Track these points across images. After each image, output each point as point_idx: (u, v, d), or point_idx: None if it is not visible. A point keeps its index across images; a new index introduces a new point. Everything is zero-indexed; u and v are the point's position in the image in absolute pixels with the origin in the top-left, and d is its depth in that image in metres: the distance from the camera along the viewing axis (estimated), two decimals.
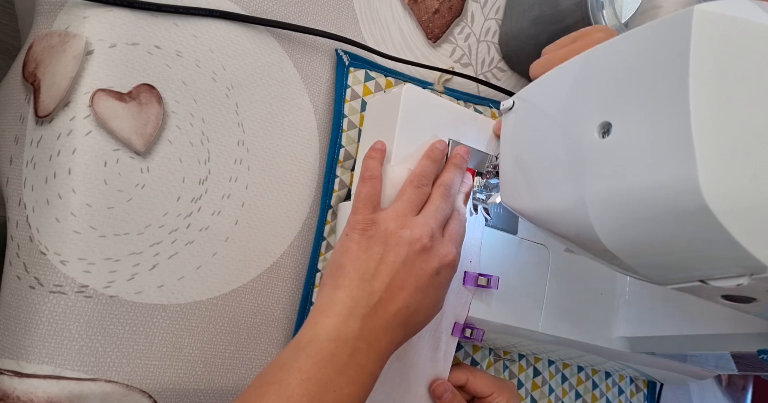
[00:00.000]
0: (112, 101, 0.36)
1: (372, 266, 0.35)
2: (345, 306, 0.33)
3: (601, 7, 0.49)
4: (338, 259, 0.36)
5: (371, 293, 0.34)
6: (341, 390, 0.31)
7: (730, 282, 0.26)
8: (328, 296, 0.34)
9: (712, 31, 0.24)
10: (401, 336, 0.35)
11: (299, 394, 0.30)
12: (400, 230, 0.35)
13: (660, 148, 0.25)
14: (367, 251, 0.35)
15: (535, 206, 0.34)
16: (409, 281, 0.35)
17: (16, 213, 0.36)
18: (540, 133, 0.34)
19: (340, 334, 0.32)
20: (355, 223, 0.36)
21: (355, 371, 0.32)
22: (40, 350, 0.33)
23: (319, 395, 0.30)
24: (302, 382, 0.30)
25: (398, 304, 0.34)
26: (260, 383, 0.31)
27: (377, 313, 0.33)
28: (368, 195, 0.37)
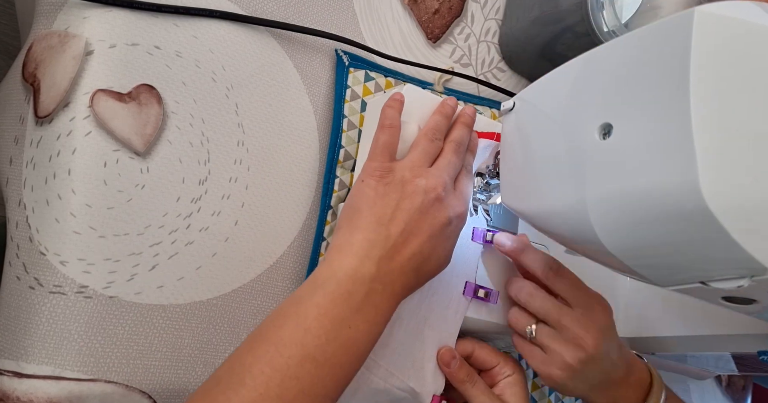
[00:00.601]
0: (112, 102, 0.36)
1: (388, 211, 0.35)
2: (362, 247, 0.34)
3: (601, 7, 0.49)
4: (354, 203, 0.36)
5: (387, 236, 0.34)
6: (356, 327, 0.32)
7: (731, 284, 0.26)
8: (345, 237, 0.35)
9: (713, 33, 0.24)
10: (413, 281, 0.36)
11: (316, 327, 0.31)
12: (415, 178, 0.36)
13: (660, 149, 0.25)
14: (383, 197, 0.36)
15: (536, 207, 0.34)
16: (423, 228, 0.35)
17: (16, 213, 0.36)
18: (540, 134, 0.34)
19: (357, 273, 0.33)
20: (372, 170, 0.37)
21: (370, 311, 0.33)
22: (39, 351, 0.33)
23: (334, 330, 0.31)
24: (319, 316, 0.31)
25: (412, 249, 0.35)
26: (277, 316, 0.32)
27: (392, 256, 0.34)
28: (386, 143, 0.38)
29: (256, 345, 0.31)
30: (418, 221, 0.35)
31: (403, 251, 0.35)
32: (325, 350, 0.30)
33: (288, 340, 0.30)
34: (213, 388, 0.30)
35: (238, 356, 0.31)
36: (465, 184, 0.40)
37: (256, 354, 0.30)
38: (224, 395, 0.29)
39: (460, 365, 0.42)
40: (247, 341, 0.31)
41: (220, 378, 0.30)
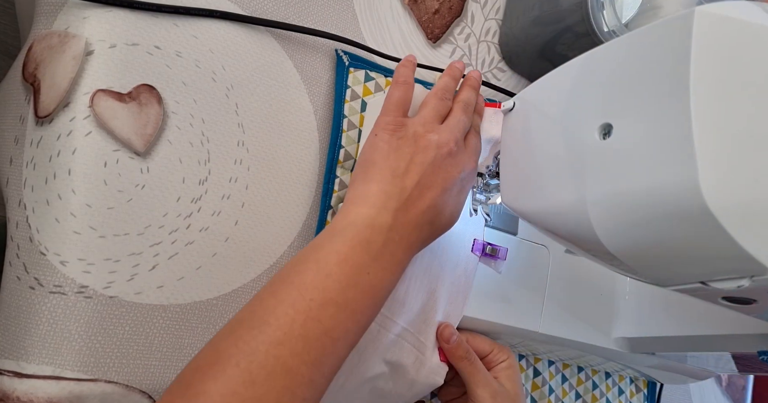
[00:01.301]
0: (112, 102, 0.36)
1: (402, 164, 0.36)
2: (378, 199, 0.34)
3: (602, 7, 0.49)
4: (369, 156, 0.37)
5: (402, 188, 0.35)
6: (374, 274, 0.32)
7: (731, 284, 0.26)
8: (360, 189, 0.36)
9: (713, 33, 0.24)
10: (427, 234, 0.36)
11: (337, 272, 0.31)
12: (428, 134, 0.37)
13: (661, 149, 0.25)
14: (397, 150, 0.36)
15: (536, 207, 0.34)
16: (437, 181, 0.36)
17: (16, 214, 0.36)
18: (540, 134, 0.34)
19: (375, 223, 0.33)
20: (385, 123, 0.37)
21: (388, 259, 0.33)
22: (39, 351, 0.33)
23: (354, 276, 0.31)
24: (339, 262, 0.32)
25: (426, 202, 0.35)
26: (298, 262, 0.32)
27: (408, 209, 0.35)
28: (400, 98, 0.39)
29: (279, 289, 0.31)
30: (432, 175, 0.36)
31: (418, 204, 0.35)
32: (345, 294, 0.31)
33: (310, 284, 0.31)
34: (237, 328, 0.30)
35: (259, 300, 0.31)
36: (474, 142, 0.40)
37: (279, 297, 0.30)
38: (249, 334, 0.29)
39: (458, 342, 0.43)
40: (267, 287, 0.32)
41: (242, 319, 0.30)
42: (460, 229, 0.45)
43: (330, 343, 0.30)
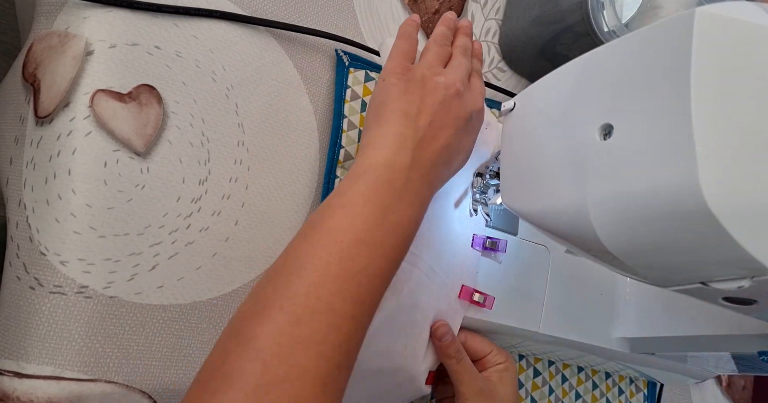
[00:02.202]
0: (112, 102, 0.36)
1: (414, 106, 0.36)
2: (395, 140, 0.35)
3: (602, 7, 0.49)
4: (380, 100, 0.37)
5: (416, 129, 0.35)
6: (400, 212, 0.33)
7: (731, 284, 0.26)
8: (375, 132, 0.36)
9: (714, 33, 0.24)
10: (444, 173, 0.37)
11: (364, 213, 0.32)
12: (435, 76, 0.37)
13: (661, 150, 0.25)
14: (406, 93, 0.37)
15: (536, 208, 0.34)
16: (448, 122, 0.37)
17: (16, 214, 0.36)
18: (541, 134, 0.34)
19: (394, 164, 0.34)
20: (392, 68, 0.38)
21: (411, 197, 0.34)
22: (39, 351, 0.33)
23: (381, 215, 0.32)
24: (365, 203, 0.32)
25: (441, 142, 0.36)
26: (324, 208, 0.33)
27: (424, 148, 0.35)
28: (406, 48, 0.40)
29: (309, 235, 0.32)
30: (443, 116, 0.36)
31: (433, 144, 0.36)
32: (374, 233, 0.31)
33: (339, 227, 0.31)
34: (274, 276, 0.30)
35: (292, 248, 0.32)
36: (478, 83, 0.41)
37: (311, 242, 0.31)
38: (288, 280, 0.29)
39: (452, 341, 0.43)
40: (298, 236, 0.32)
41: (278, 268, 0.31)
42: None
43: (366, 280, 0.30)
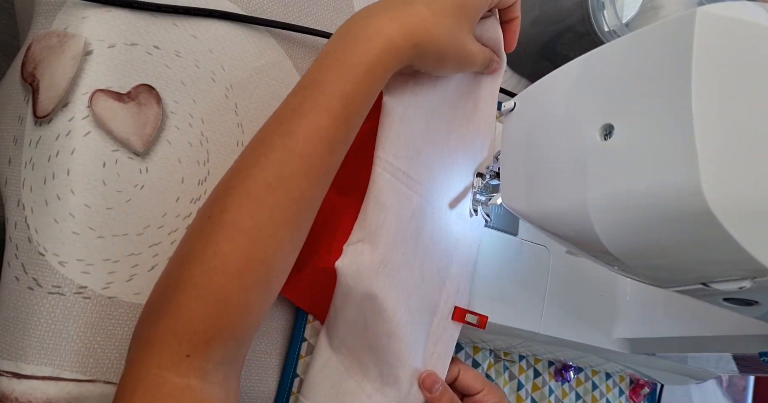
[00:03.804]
0: (111, 102, 0.35)
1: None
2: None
3: (602, 7, 0.49)
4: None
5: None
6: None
7: (732, 285, 0.26)
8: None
9: (715, 33, 0.24)
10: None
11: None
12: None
13: (662, 150, 0.24)
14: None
15: (536, 208, 0.33)
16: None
17: (15, 214, 0.35)
18: (541, 134, 0.34)
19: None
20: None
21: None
22: (38, 352, 0.33)
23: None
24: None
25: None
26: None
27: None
28: None
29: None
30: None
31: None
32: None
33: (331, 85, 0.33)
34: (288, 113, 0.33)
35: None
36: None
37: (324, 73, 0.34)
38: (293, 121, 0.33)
39: (442, 391, 0.42)
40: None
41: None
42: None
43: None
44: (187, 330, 0.29)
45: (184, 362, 0.29)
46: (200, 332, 0.29)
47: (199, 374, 0.29)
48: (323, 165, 0.33)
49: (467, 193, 0.46)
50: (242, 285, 0.30)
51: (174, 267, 0.31)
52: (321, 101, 0.32)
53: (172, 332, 0.29)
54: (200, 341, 0.29)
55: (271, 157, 0.32)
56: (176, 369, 0.28)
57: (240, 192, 0.31)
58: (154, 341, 0.29)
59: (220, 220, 0.30)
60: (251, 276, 0.30)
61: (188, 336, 0.29)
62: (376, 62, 0.33)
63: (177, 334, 0.29)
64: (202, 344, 0.29)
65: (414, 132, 0.41)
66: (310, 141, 0.32)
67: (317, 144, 0.32)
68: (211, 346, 0.29)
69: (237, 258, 0.30)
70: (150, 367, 0.29)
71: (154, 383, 0.28)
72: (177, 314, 0.29)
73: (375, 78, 0.34)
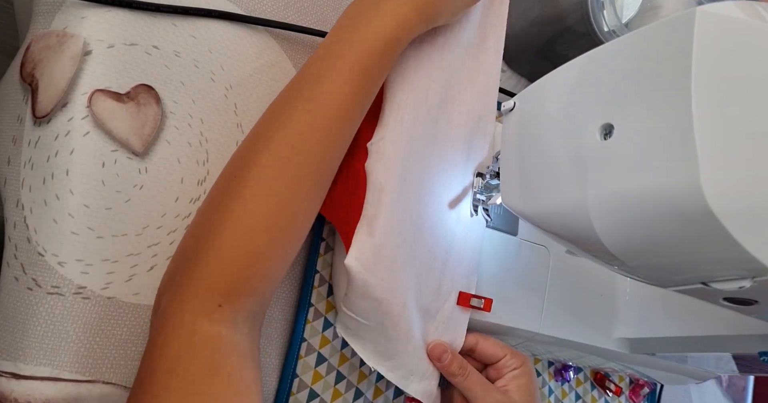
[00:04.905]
0: (110, 102, 0.35)
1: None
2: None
3: (602, 7, 0.49)
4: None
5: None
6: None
7: (732, 285, 0.26)
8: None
9: (715, 33, 0.24)
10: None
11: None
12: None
13: (662, 150, 0.24)
14: None
15: (536, 208, 0.33)
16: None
17: (14, 214, 0.35)
18: (541, 134, 0.34)
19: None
20: None
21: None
22: (37, 352, 0.33)
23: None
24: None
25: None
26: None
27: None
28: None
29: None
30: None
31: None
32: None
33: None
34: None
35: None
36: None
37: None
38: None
39: (451, 359, 0.42)
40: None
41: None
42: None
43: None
44: (219, 281, 0.30)
45: (216, 312, 0.30)
46: (231, 284, 0.31)
47: (229, 324, 0.30)
48: (342, 129, 0.35)
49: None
50: (270, 240, 0.32)
51: (202, 222, 0.33)
52: (341, 70, 0.35)
53: (206, 282, 0.30)
54: (231, 292, 0.31)
55: (294, 120, 0.34)
56: (209, 318, 0.30)
57: (266, 153, 0.33)
58: (187, 290, 0.30)
59: (247, 178, 0.32)
60: (277, 232, 0.32)
61: (220, 287, 0.30)
62: (391, 37, 0.36)
63: (210, 285, 0.30)
64: (233, 295, 0.31)
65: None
66: (331, 106, 0.34)
67: (338, 109, 0.34)
68: (241, 297, 0.31)
69: (265, 214, 0.32)
70: (185, 315, 0.30)
71: (189, 330, 0.29)
72: (209, 265, 0.31)
73: (391, 50, 0.36)
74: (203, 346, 0.29)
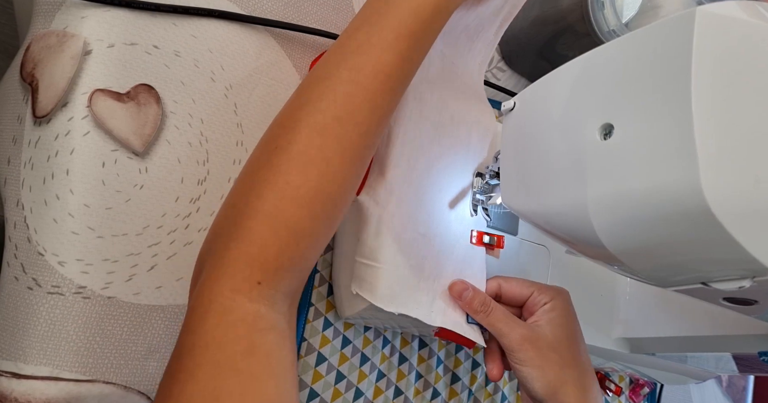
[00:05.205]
0: (111, 101, 0.35)
1: None
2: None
3: (602, 7, 0.49)
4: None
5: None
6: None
7: (732, 285, 0.25)
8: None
9: (715, 33, 0.24)
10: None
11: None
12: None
13: (662, 150, 0.24)
14: None
15: (536, 208, 0.33)
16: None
17: (14, 214, 0.35)
18: (541, 134, 0.34)
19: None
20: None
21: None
22: (38, 352, 0.33)
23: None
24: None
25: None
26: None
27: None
28: None
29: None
30: None
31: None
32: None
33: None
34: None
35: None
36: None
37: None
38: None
39: (473, 296, 0.41)
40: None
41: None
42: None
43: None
44: (259, 257, 0.29)
45: (255, 289, 0.29)
46: (272, 260, 0.29)
47: (268, 302, 0.29)
48: (386, 102, 0.33)
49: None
50: (312, 215, 0.31)
51: (242, 194, 0.31)
52: (388, 38, 0.33)
53: (245, 257, 0.29)
54: (271, 268, 0.29)
55: (338, 91, 0.32)
56: (249, 295, 0.28)
57: (309, 124, 0.31)
58: (226, 265, 0.29)
59: (289, 150, 0.31)
60: (320, 207, 0.31)
61: (260, 263, 0.29)
62: (443, 2, 0.34)
63: (249, 260, 0.29)
64: (272, 272, 0.29)
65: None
66: (377, 77, 0.32)
67: (384, 80, 0.32)
68: (280, 274, 0.30)
69: (308, 188, 0.30)
70: (223, 290, 0.28)
71: (227, 306, 0.28)
72: (249, 240, 0.29)
73: (441, 18, 0.34)
74: (241, 323, 0.28)
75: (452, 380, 0.54)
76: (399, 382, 0.50)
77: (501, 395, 0.56)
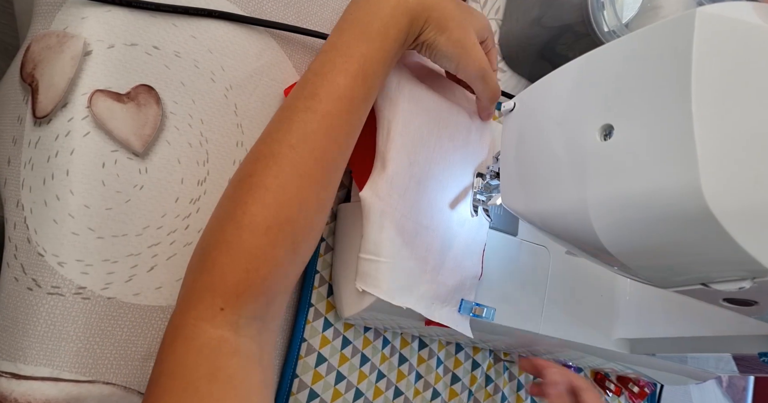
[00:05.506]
0: (111, 102, 0.35)
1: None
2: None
3: (602, 7, 0.49)
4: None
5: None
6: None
7: (732, 285, 0.25)
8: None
9: (715, 34, 0.24)
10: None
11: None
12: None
13: (662, 150, 0.24)
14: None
15: (536, 209, 0.33)
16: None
17: (14, 214, 0.35)
18: (541, 135, 0.34)
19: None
20: None
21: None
22: (37, 352, 0.33)
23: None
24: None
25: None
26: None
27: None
28: None
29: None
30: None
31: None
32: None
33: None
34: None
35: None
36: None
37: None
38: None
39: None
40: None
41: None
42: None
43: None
44: (221, 285, 0.31)
45: (218, 315, 0.30)
46: (232, 287, 0.31)
47: (232, 327, 0.31)
48: (344, 123, 0.35)
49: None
50: (270, 242, 0.32)
51: (209, 228, 0.34)
52: (339, 62, 0.34)
53: (209, 286, 0.31)
54: (232, 295, 0.31)
55: (294, 119, 0.33)
56: (212, 321, 0.30)
57: (266, 155, 0.33)
58: (192, 295, 0.31)
59: (248, 182, 0.33)
60: (279, 233, 0.32)
61: (222, 290, 0.31)
62: (389, 20, 0.35)
63: (212, 288, 0.31)
64: (234, 298, 0.31)
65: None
66: (329, 100, 0.34)
67: (337, 102, 0.34)
68: (242, 300, 0.31)
69: (264, 216, 0.32)
70: (189, 319, 0.30)
71: (192, 333, 0.30)
72: (212, 270, 0.31)
73: (389, 37, 0.36)
74: (205, 349, 0.29)
75: (452, 380, 0.54)
76: (399, 382, 0.50)
77: (501, 395, 0.56)
